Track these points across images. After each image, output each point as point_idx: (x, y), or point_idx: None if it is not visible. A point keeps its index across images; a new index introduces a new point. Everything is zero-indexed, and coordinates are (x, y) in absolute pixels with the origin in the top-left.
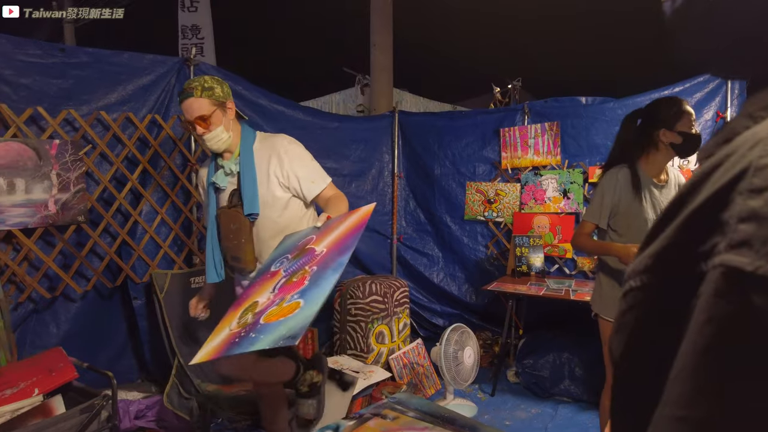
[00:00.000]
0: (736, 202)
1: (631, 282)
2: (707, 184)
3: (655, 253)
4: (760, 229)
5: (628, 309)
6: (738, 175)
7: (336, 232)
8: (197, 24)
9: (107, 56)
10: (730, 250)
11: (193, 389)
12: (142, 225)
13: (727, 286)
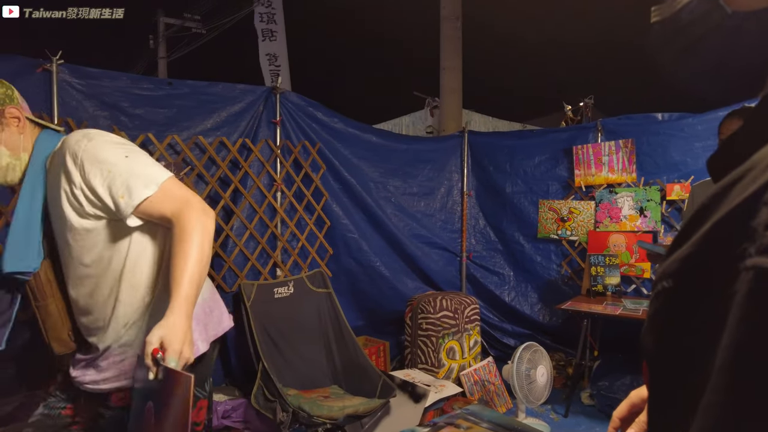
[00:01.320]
0: (762, 211)
1: (663, 283)
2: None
3: (685, 257)
4: None
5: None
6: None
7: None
8: (275, 53)
9: (204, 87)
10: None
11: (276, 392)
12: (232, 239)
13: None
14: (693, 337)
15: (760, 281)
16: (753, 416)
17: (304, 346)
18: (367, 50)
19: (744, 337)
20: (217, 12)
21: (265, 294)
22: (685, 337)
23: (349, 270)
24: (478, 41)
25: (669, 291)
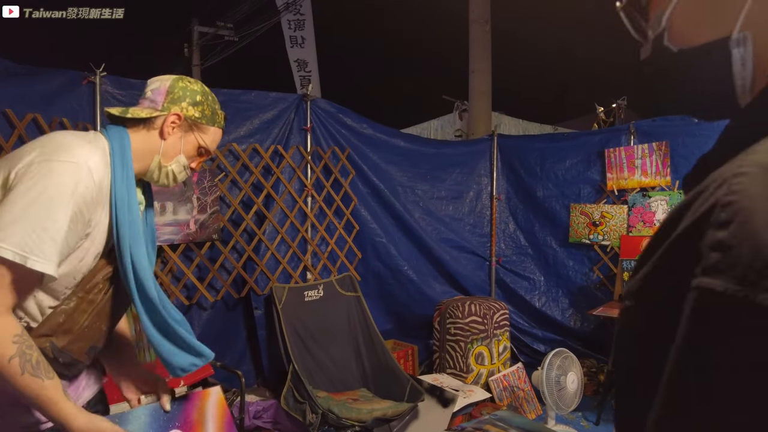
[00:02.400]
0: (708, 233)
1: (627, 302)
2: (687, 215)
3: (645, 276)
4: (726, 257)
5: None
6: (708, 209)
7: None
8: (305, 59)
9: (238, 95)
10: (704, 275)
11: (306, 394)
12: (265, 243)
13: (702, 305)
14: (649, 357)
15: (702, 301)
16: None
17: (334, 348)
18: (396, 54)
19: (684, 357)
20: (249, 20)
21: (296, 297)
22: (642, 357)
23: (378, 274)
24: (508, 43)
25: (630, 310)
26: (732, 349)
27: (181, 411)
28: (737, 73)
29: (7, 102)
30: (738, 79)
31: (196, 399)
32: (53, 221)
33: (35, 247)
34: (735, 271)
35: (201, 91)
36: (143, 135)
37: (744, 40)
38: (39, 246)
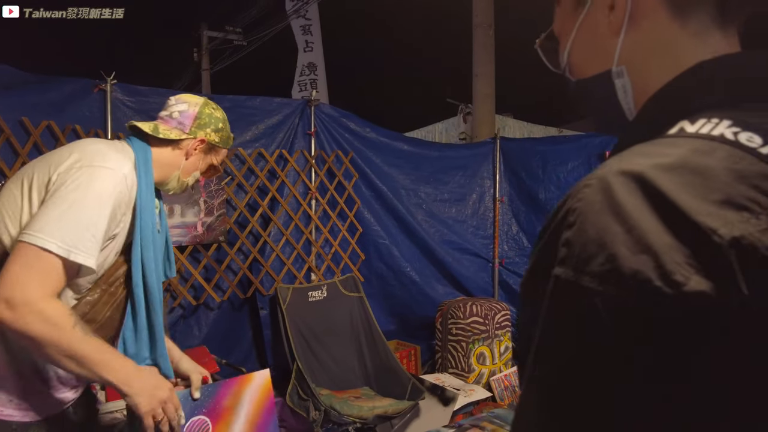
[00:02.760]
0: (562, 233)
1: (521, 289)
2: (557, 216)
3: (530, 267)
4: (569, 251)
5: (521, 312)
6: (564, 214)
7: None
8: (313, 62)
9: (243, 101)
10: (557, 266)
11: (309, 391)
12: (270, 245)
13: (555, 289)
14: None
15: (555, 287)
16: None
17: (337, 347)
18: (400, 58)
19: (541, 338)
20: (257, 24)
21: (300, 297)
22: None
23: (381, 275)
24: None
25: (522, 297)
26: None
27: (211, 397)
28: (621, 99)
29: (22, 110)
30: (624, 104)
31: (233, 384)
32: (94, 220)
33: (78, 242)
34: (571, 262)
35: (222, 119)
36: (168, 152)
37: (622, 73)
38: (81, 241)
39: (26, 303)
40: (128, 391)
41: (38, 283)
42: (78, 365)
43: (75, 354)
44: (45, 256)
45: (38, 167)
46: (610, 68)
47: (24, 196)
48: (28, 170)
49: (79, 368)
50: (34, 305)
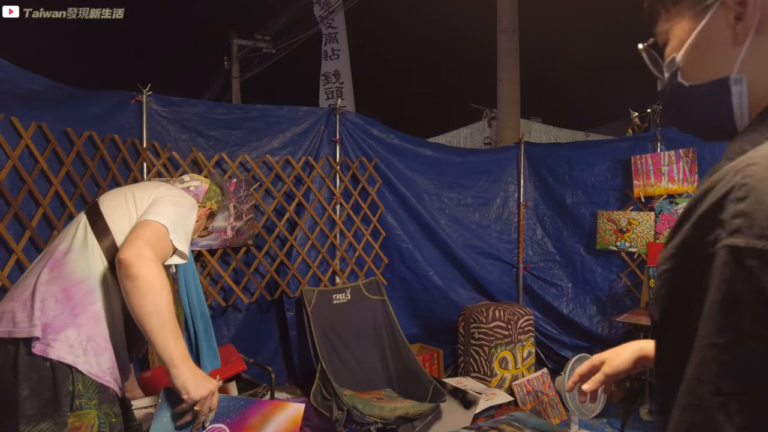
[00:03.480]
0: (728, 207)
1: (663, 266)
2: (707, 198)
3: (677, 244)
4: (746, 221)
5: (661, 285)
6: (728, 190)
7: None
8: (338, 70)
9: (271, 110)
10: (729, 236)
11: (333, 391)
12: (296, 248)
13: (730, 257)
14: (686, 310)
15: (730, 255)
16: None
17: (360, 349)
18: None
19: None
20: (286, 32)
21: (325, 300)
22: (681, 311)
23: (404, 279)
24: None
25: (667, 272)
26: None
27: (239, 411)
28: (736, 105)
29: (67, 122)
30: (737, 110)
31: (266, 406)
32: (188, 221)
33: (177, 229)
34: (753, 231)
35: (219, 193)
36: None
37: (740, 80)
38: (178, 231)
39: (147, 255)
40: (180, 373)
41: (155, 246)
42: (159, 325)
43: (163, 312)
44: (160, 228)
45: (137, 190)
46: (729, 75)
47: (129, 207)
48: (126, 192)
49: (156, 330)
50: (152, 258)
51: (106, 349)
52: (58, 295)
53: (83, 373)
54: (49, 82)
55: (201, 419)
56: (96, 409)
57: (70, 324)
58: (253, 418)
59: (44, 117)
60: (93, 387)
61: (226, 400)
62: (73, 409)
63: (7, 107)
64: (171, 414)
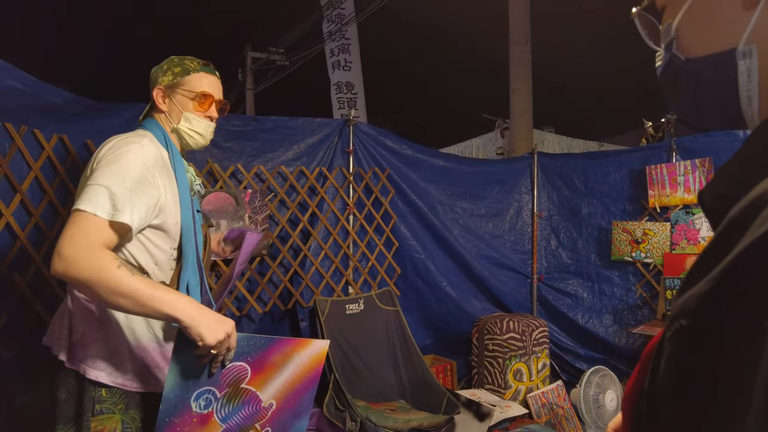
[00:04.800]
0: None
1: (681, 321)
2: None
3: (703, 293)
4: None
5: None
6: None
7: (282, 377)
8: (351, 81)
9: (286, 121)
10: None
11: (346, 402)
12: (310, 258)
13: None
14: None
15: None
16: None
17: (374, 360)
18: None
19: None
20: (299, 45)
21: (338, 310)
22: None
23: (417, 289)
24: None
25: (688, 330)
26: None
27: (260, 349)
28: (743, 85)
29: (87, 134)
30: (743, 91)
31: (288, 344)
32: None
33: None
34: None
35: (166, 62)
36: (163, 118)
37: (750, 53)
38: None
39: (74, 253)
40: (190, 323)
41: (83, 237)
42: (134, 302)
43: (126, 291)
44: (86, 216)
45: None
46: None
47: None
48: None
49: (135, 305)
50: (79, 254)
51: (130, 359)
52: (85, 310)
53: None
54: (70, 96)
55: (220, 359)
56: (122, 414)
57: (96, 339)
58: (275, 356)
59: (65, 129)
60: (119, 393)
61: (246, 339)
62: (95, 414)
63: (30, 120)
64: (187, 356)
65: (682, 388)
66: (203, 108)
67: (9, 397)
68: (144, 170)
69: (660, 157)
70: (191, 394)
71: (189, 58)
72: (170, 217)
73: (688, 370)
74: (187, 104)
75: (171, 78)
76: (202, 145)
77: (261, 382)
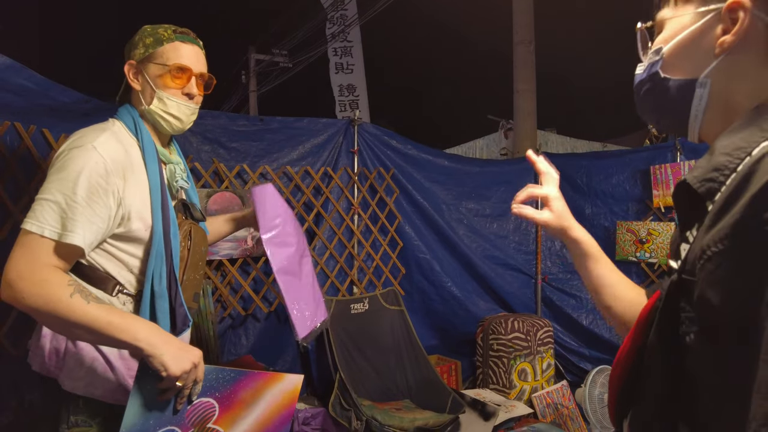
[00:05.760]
0: None
1: (715, 248)
2: (753, 181)
3: (734, 222)
4: None
5: (716, 268)
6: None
7: (253, 416)
8: (353, 83)
9: (291, 122)
10: None
11: (352, 401)
12: (314, 258)
13: None
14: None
15: None
16: None
17: (378, 359)
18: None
19: None
20: (303, 47)
21: (343, 309)
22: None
23: (422, 289)
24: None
25: (724, 252)
26: None
27: (229, 384)
28: (694, 106)
29: None
30: (693, 110)
31: (257, 379)
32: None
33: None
34: None
35: (138, 33)
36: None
37: (705, 84)
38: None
39: (20, 279)
40: (151, 351)
41: (29, 261)
42: (89, 333)
43: (80, 322)
44: (32, 238)
45: None
46: (697, 78)
47: None
48: None
49: (91, 336)
50: (27, 281)
51: (108, 370)
52: None
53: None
54: (79, 95)
55: (185, 393)
56: (99, 426)
57: (72, 350)
58: (245, 392)
59: (73, 129)
60: (97, 405)
61: (214, 372)
62: (70, 425)
63: (38, 119)
64: (150, 389)
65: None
66: (179, 83)
67: (18, 394)
68: (96, 177)
69: (664, 157)
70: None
71: (164, 26)
72: (137, 223)
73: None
74: (162, 80)
75: (143, 51)
76: (180, 130)
77: (229, 421)
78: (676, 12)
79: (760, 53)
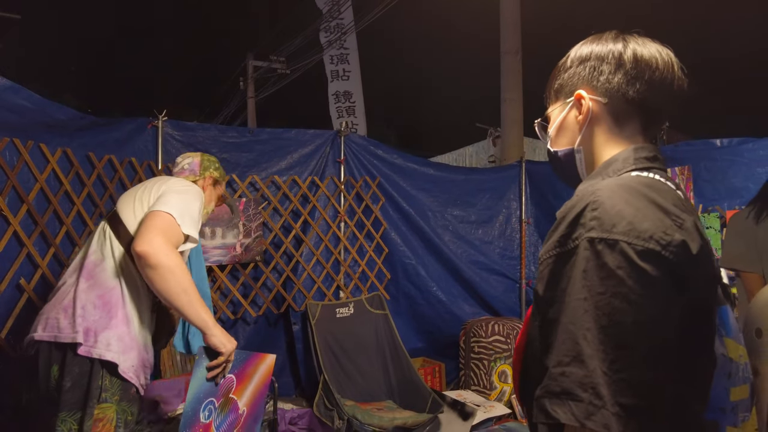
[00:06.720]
0: (586, 215)
1: (546, 255)
2: (572, 211)
3: (556, 240)
4: (597, 222)
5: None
6: (586, 205)
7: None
8: (349, 90)
9: (280, 133)
10: (587, 232)
11: (334, 401)
12: (302, 264)
13: (588, 244)
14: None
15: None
16: None
17: (363, 362)
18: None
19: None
20: (300, 53)
21: (329, 313)
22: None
23: (408, 294)
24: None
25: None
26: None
27: (243, 362)
28: (579, 164)
29: (89, 147)
30: (579, 167)
31: (257, 359)
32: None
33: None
34: (602, 227)
35: (215, 162)
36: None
37: (580, 151)
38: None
39: (161, 243)
40: (214, 332)
41: (165, 233)
42: (187, 301)
43: (188, 289)
44: (166, 217)
45: (145, 189)
46: (573, 147)
47: (141, 206)
48: (136, 192)
49: (187, 305)
50: (165, 244)
51: (132, 348)
52: (96, 301)
53: (110, 372)
54: (74, 113)
55: (228, 368)
56: (116, 404)
57: (107, 326)
58: (250, 368)
59: (69, 143)
60: (117, 384)
61: (236, 354)
62: (100, 401)
63: (36, 135)
64: (203, 370)
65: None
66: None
67: (17, 395)
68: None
69: None
70: (201, 405)
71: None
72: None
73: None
74: (214, 197)
75: (218, 176)
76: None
77: (240, 392)
78: (553, 107)
79: (606, 122)
